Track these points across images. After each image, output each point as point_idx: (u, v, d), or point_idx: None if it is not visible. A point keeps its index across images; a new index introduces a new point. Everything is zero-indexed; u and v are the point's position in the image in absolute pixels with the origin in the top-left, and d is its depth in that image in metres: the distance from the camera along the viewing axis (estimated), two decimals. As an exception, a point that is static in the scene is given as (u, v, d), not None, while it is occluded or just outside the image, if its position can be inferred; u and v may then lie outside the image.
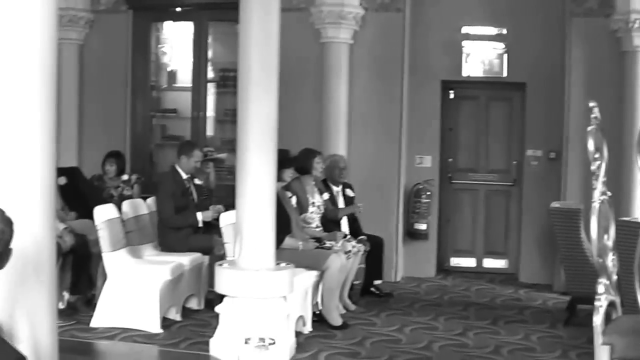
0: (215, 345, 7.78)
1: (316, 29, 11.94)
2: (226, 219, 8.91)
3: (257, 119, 7.57)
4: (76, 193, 10.16)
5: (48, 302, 4.25)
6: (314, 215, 10.06)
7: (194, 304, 9.82)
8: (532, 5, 12.27)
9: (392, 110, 12.04)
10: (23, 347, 3.87)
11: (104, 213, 8.93)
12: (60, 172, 8.60)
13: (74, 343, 8.05)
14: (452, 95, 12.98)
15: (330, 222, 10.37)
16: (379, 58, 12.04)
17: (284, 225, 8.72)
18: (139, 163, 12.44)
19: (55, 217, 4.36)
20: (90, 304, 9.44)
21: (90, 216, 9.11)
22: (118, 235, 9.05)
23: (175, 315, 9.27)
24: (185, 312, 9.53)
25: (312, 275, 9.10)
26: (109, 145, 11.77)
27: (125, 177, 11.24)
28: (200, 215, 9.86)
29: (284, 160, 9.16)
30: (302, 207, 9.91)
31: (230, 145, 12.08)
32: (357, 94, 12.00)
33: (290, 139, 10.11)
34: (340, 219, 10.73)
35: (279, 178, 8.55)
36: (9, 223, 3.52)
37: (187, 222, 9.84)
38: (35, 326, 4.18)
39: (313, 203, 10.04)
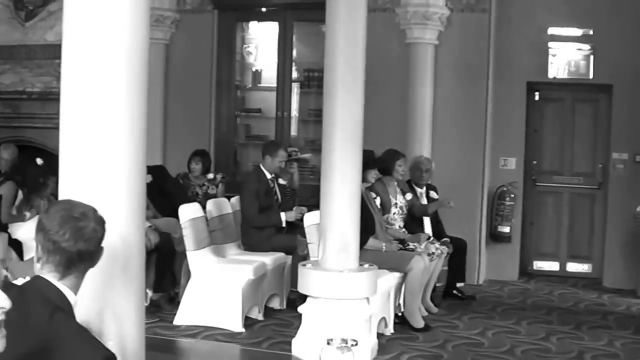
0: (297, 345, 7.79)
1: (401, 29, 11.88)
2: (310, 219, 8.91)
3: (342, 120, 7.55)
4: (161, 191, 10.24)
5: (136, 300, 4.28)
6: (396, 216, 10.02)
7: (276, 304, 9.84)
8: (618, 5, 12.06)
9: (476, 111, 11.93)
10: (111, 345, 3.89)
11: (188, 212, 9.00)
12: (146, 170, 8.67)
13: (157, 340, 8.12)
14: (537, 97, 12.81)
15: (413, 224, 10.32)
16: (464, 59, 11.94)
17: (367, 226, 8.69)
18: (222, 162, 12.53)
19: (144, 215, 4.39)
20: (174, 301, 9.53)
21: (175, 214, 9.20)
22: (202, 234, 9.11)
23: (257, 314, 9.31)
24: (267, 311, 9.56)
25: (395, 276, 9.06)
26: (193, 144, 11.87)
27: (210, 175, 11.32)
28: (283, 216, 9.89)
29: (369, 161, 9.12)
30: (385, 208, 9.88)
31: (314, 145, 12.12)
32: (441, 95, 11.92)
33: (374, 139, 10.06)
34: (429, 215, 10.66)
35: (364, 179, 8.52)
36: (101, 222, 3.56)
37: (271, 222, 9.88)
38: (122, 324, 4.21)
39: (395, 204, 10.01)
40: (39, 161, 10.01)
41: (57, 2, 12.67)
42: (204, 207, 9.47)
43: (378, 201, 9.69)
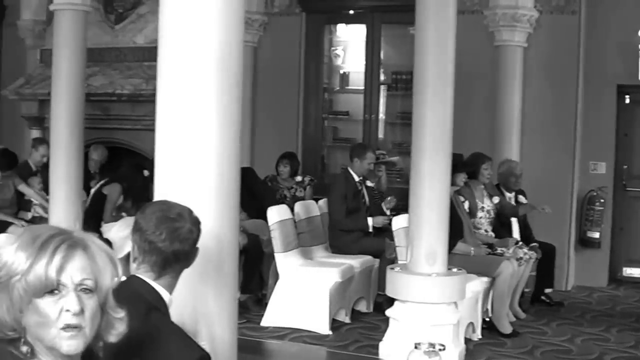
0: (384, 349, 7.76)
1: (490, 32, 11.78)
2: (399, 223, 8.87)
3: (432, 123, 7.50)
4: (250, 193, 10.29)
5: (228, 301, 4.30)
6: (483, 220, 9.92)
7: (362, 307, 9.82)
8: None
9: (566, 115, 11.76)
10: (204, 344, 3.91)
11: (277, 214, 9.03)
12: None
13: (245, 342, 8.12)
14: (627, 100, 12.58)
15: (502, 228, 10.20)
16: (553, 61, 11.77)
17: (456, 230, 8.62)
18: (310, 165, 12.54)
19: (237, 217, 4.41)
20: (261, 303, 9.57)
21: (263, 216, 9.24)
22: (290, 236, 9.14)
23: (344, 317, 9.30)
24: (355, 314, 9.54)
25: (483, 281, 8.97)
26: (281, 146, 11.91)
27: (298, 178, 11.34)
28: (370, 221, 9.86)
29: (458, 164, 9.04)
30: (472, 212, 9.79)
31: (401, 148, 12.08)
32: (530, 98, 11.77)
33: (462, 143, 9.97)
34: (519, 216, 10.54)
35: (452, 182, 8.44)
36: (196, 223, 3.58)
37: (358, 226, 9.86)
38: (215, 325, 4.24)
39: (482, 208, 9.91)
40: (146, 173, 10.17)
41: (146, 5, 12.83)
42: (292, 210, 9.50)
43: (466, 205, 9.61)
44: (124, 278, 3.61)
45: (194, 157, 4.15)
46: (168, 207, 3.58)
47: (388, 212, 10.12)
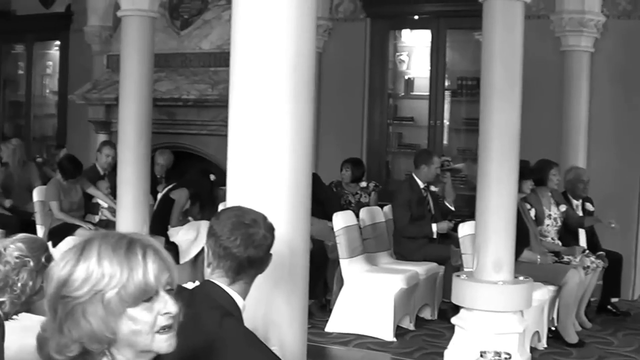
0: (449, 356, 7.71)
1: (556, 37, 11.67)
2: (464, 230, 8.81)
3: (499, 130, 7.44)
4: (315, 199, 10.29)
5: (299, 307, 4.30)
6: (549, 228, 9.82)
7: (427, 314, 9.77)
8: None
9: (635, 121, 11.57)
10: (275, 350, 3.91)
11: (342, 220, 9.03)
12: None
13: (309, 347, 8.10)
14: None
15: (568, 236, 10.09)
16: (621, 67, 11.62)
17: (522, 238, 8.53)
18: (374, 170, 12.53)
19: (309, 223, 4.41)
20: (325, 308, 9.57)
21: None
22: (355, 242, 9.13)
23: (408, 324, 9.26)
24: (419, 321, 9.50)
25: (550, 290, 8.88)
26: (345, 152, 11.90)
27: (363, 184, 11.32)
28: (435, 227, 9.82)
29: (524, 171, 8.95)
30: (539, 219, 9.69)
31: (467, 154, 12.01)
32: (597, 104, 11.63)
33: (528, 149, 9.88)
34: (585, 227, 10.43)
35: (519, 189, 8.37)
36: (270, 229, 3.59)
37: (422, 233, 9.82)
38: (285, 330, 4.24)
39: (549, 215, 9.81)
40: (212, 177, 10.24)
41: (211, 11, 12.91)
42: (357, 215, 9.50)
43: (532, 212, 9.52)
44: (197, 283, 3.65)
45: (267, 163, 4.16)
46: (243, 213, 3.59)
47: (452, 207, 10.11)
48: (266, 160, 4.17)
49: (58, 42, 16.56)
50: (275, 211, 3.93)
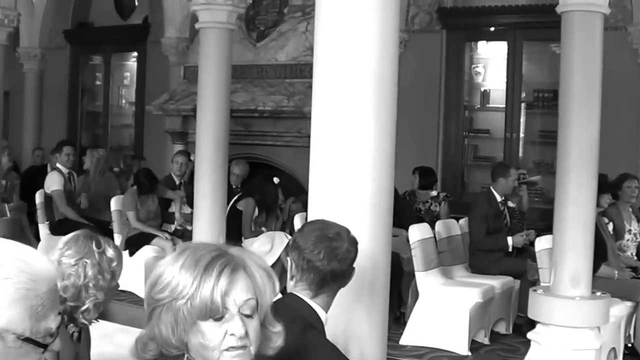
0: (525, 372, 7.64)
1: (634, 48, 11.54)
2: (541, 244, 8.72)
3: (578, 142, 7.36)
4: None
5: (380, 321, 4.30)
6: (629, 243, 9.69)
7: (502, 328, 9.68)
8: None
9: None
10: (354, 364, 3.93)
11: (418, 232, 9.00)
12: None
13: None
14: None
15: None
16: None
17: (600, 253, 8.41)
18: (449, 182, 12.49)
19: (390, 237, 4.41)
20: (400, 321, 9.54)
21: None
22: (431, 255, 9.09)
23: (483, 338, 9.19)
24: (494, 335, 9.42)
25: (627, 305, 8.75)
26: (420, 163, 11.86)
27: (433, 193, 11.28)
28: (510, 240, 9.73)
29: (602, 185, 8.85)
30: (618, 234, 9.57)
31: (542, 167, 11.90)
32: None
33: (605, 163, 9.78)
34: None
35: (597, 203, 8.27)
36: (354, 243, 3.60)
37: (497, 246, 9.74)
38: (365, 344, 4.24)
39: (629, 230, 9.68)
40: (276, 180, 10.29)
41: (287, 22, 12.98)
42: (431, 226, 9.45)
43: (610, 227, 9.40)
44: (279, 295, 3.66)
45: (350, 176, 4.17)
46: (326, 226, 3.60)
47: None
48: (349, 173, 4.17)
49: (135, 54, 16.80)
50: (357, 224, 3.93)
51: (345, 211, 4.11)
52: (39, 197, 11.65)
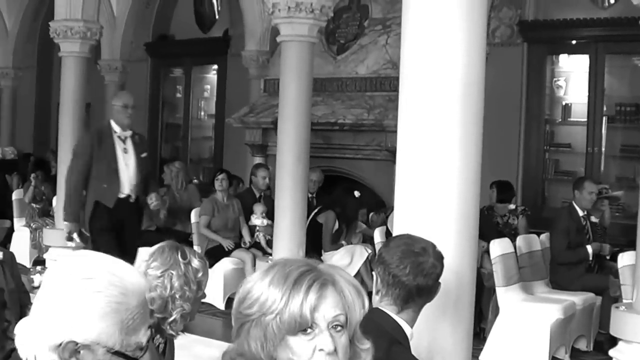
0: (610, 389, 7.53)
1: None
2: (624, 260, 8.58)
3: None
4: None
5: (464, 337, 4.28)
6: None
7: (582, 345, 9.55)
8: None
9: None
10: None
11: (499, 247, 8.93)
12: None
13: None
14: None
15: None
16: None
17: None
18: (530, 196, 12.38)
19: (476, 252, 4.38)
20: (479, 336, 9.46)
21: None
22: (512, 271, 9.01)
23: (564, 355, 9.07)
24: (574, 352, 9.30)
25: None
26: (500, 177, 11.76)
27: (511, 206, 11.19)
28: (590, 248, 9.61)
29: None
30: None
31: (624, 182, 11.73)
32: None
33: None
34: None
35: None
36: (439, 258, 3.59)
37: (578, 257, 9.61)
38: (450, 359, 4.22)
39: None
40: (356, 193, 10.29)
41: (368, 36, 12.99)
42: (503, 235, 9.38)
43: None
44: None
45: (436, 191, 4.16)
46: (412, 241, 3.60)
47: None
48: (434, 187, 4.16)
49: (216, 66, 16.96)
50: (442, 239, 3.92)
51: (431, 226, 4.10)
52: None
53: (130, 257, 8.42)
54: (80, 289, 2.01)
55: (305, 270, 2.26)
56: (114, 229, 8.47)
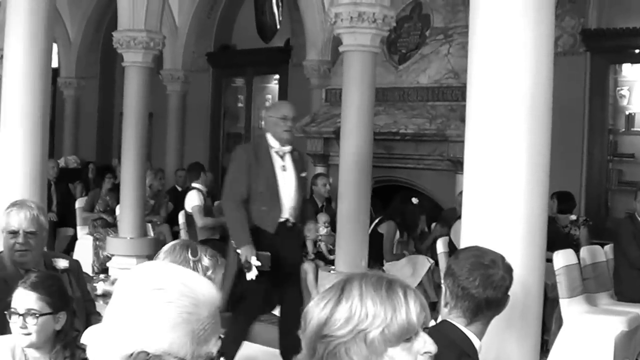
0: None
1: None
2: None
3: None
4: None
5: (532, 349, 4.25)
6: None
7: (646, 358, 9.46)
8: None
9: None
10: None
11: (563, 259, 8.85)
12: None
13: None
14: None
15: None
16: None
17: None
18: (593, 207, 12.25)
19: (544, 263, 4.36)
20: (543, 348, 9.37)
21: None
22: (576, 282, 8.93)
23: (628, 368, 8.99)
24: (638, 365, 9.21)
25: None
26: (562, 187, 11.66)
27: (572, 217, 11.10)
28: None
29: None
30: None
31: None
32: None
33: None
34: None
35: None
36: (509, 270, 3.58)
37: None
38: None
39: None
40: (415, 200, 10.26)
41: (429, 45, 12.95)
42: (567, 247, 9.30)
43: None
44: (432, 322, 3.66)
45: (503, 203, 4.14)
46: (482, 253, 3.59)
47: None
48: (502, 199, 4.15)
49: (277, 76, 17.04)
50: (510, 251, 3.90)
51: (499, 238, 4.08)
52: (181, 218, 11.88)
53: (292, 290, 7.97)
54: (152, 300, 2.03)
55: (388, 280, 2.28)
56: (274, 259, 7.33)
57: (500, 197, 4.15)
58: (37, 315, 3.87)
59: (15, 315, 3.89)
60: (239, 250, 7.20)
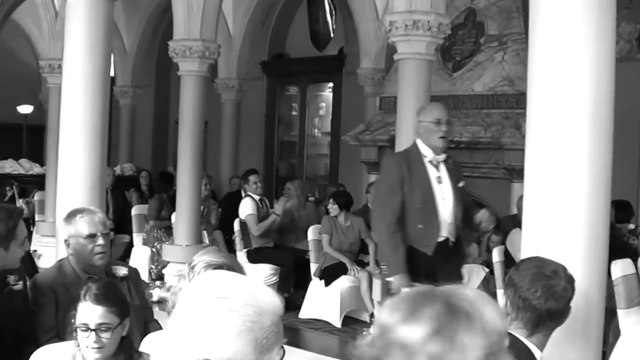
0: None
1: None
2: None
3: None
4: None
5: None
6: None
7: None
8: None
9: None
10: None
11: (620, 268, 8.76)
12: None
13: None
14: None
15: None
16: None
17: None
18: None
19: (605, 273, 4.32)
20: None
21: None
22: (633, 292, 8.82)
23: (688, 379, 8.84)
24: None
25: None
26: (619, 195, 11.53)
27: (631, 226, 11.00)
28: None
29: None
30: None
31: None
32: None
33: None
34: None
35: None
36: (570, 281, 3.55)
37: None
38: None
39: None
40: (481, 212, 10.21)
41: (484, 52, 12.88)
42: (625, 256, 9.20)
43: None
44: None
45: (564, 212, 4.11)
46: (543, 264, 3.57)
47: None
48: (563, 209, 4.12)
49: (331, 84, 17.05)
50: (571, 261, 3.87)
51: (560, 248, 4.05)
52: (236, 225, 11.91)
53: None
54: (216, 308, 2.04)
55: (467, 312, 2.02)
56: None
57: (562, 206, 4.12)
58: (112, 328, 3.81)
59: (86, 332, 3.82)
60: (389, 279, 6.46)
